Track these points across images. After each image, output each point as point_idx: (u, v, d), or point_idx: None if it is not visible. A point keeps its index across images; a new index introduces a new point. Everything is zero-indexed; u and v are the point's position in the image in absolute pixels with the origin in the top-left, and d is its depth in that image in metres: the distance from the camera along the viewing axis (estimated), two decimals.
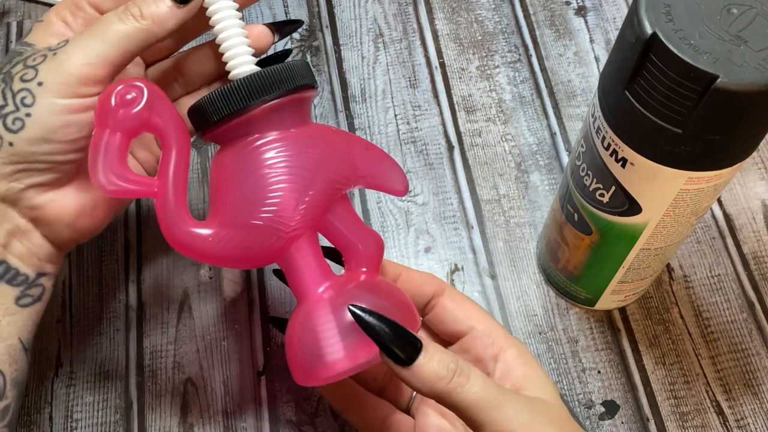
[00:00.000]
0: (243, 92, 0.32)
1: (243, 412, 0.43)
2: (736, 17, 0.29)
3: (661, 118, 0.30)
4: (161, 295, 0.46)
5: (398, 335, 0.30)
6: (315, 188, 0.33)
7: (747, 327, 0.45)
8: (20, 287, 0.34)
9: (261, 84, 0.32)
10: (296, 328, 0.34)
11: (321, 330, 0.33)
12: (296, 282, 0.34)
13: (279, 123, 0.33)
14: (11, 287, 0.34)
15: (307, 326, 0.33)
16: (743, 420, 0.43)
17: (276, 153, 0.33)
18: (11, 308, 0.34)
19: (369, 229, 0.36)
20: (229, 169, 0.34)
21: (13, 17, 0.56)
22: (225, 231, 0.33)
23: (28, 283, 0.35)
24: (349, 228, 0.35)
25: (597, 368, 0.44)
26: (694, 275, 0.47)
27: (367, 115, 0.52)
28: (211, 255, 0.33)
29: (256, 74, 0.33)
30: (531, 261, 0.48)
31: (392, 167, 0.37)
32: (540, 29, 0.56)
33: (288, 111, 0.34)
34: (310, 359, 0.33)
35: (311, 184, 0.33)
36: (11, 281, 0.34)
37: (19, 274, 0.34)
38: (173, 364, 0.44)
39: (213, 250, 0.33)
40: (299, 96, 0.34)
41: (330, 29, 0.56)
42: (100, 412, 0.43)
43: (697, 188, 0.33)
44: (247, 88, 0.32)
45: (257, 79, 0.32)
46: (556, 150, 0.51)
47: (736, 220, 0.49)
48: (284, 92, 0.33)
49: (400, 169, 0.37)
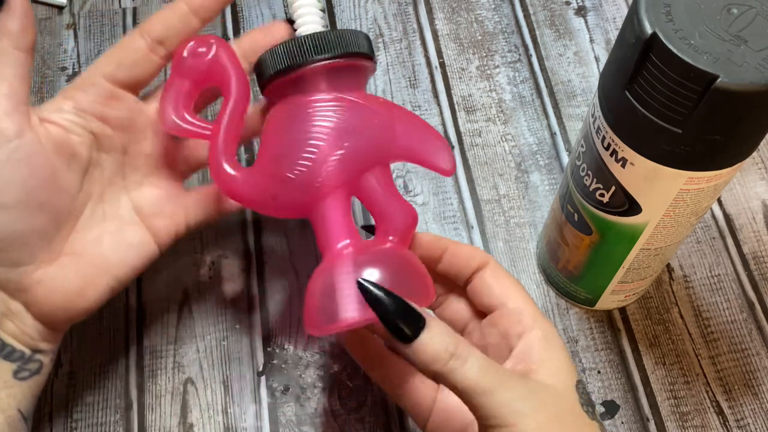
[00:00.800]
0: (305, 47, 0.34)
1: (243, 412, 0.43)
2: (736, 17, 0.29)
3: (661, 118, 0.30)
4: (161, 295, 0.46)
5: (403, 311, 0.30)
6: (350, 151, 0.34)
7: (747, 327, 0.45)
8: (17, 362, 0.34)
9: (322, 42, 0.34)
10: (317, 278, 0.35)
11: (338, 281, 0.33)
12: (322, 236, 0.36)
13: (332, 85, 0.35)
14: (8, 362, 0.34)
15: (327, 277, 0.34)
16: (743, 420, 0.43)
17: (320, 113, 0.35)
18: (9, 381, 0.34)
19: (404, 201, 0.36)
20: (276, 120, 0.36)
21: None
22: (257, 178, 0.35)
23: (24, 359, 0.35)
24: (383, 196, 0.36)
25: (597, 368, 0.44)
26: (694, 275, 0.47)
27: None
28: (243, 197, 0.36)
29: (320, 33, 0.35)
30: (531, 261, 0.48)
31: (438, 144, 0.37)
32: (540, 29, 0.56)
33: (343, 75, 0.35)
34: (325, 308, 0.34)
35: (346, 147, 0.34)
36: (8, 357, 0.34)
37: (14, 351, 0.34)
38: (173, 364, 0.44)
39: (244, 192, 0.36)
40: (355, 63, 0.35)
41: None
42: (100, 412, 0.43)
43: (697, 188, 0.33)
44: (309, 44, 0.34)
45: (320, 37, 0.34)
46: (556, 150, 0.51)
47: (736, 220, 0.49)
48: (341, 54, 0.35)
49: (448, 147, 0.38)
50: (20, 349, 0.35)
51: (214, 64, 0.36)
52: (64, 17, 0.56)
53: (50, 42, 0.55)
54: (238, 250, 0.47)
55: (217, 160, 0.36)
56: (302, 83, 0.35)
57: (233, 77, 0.36)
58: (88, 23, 0.56)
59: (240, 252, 0.47)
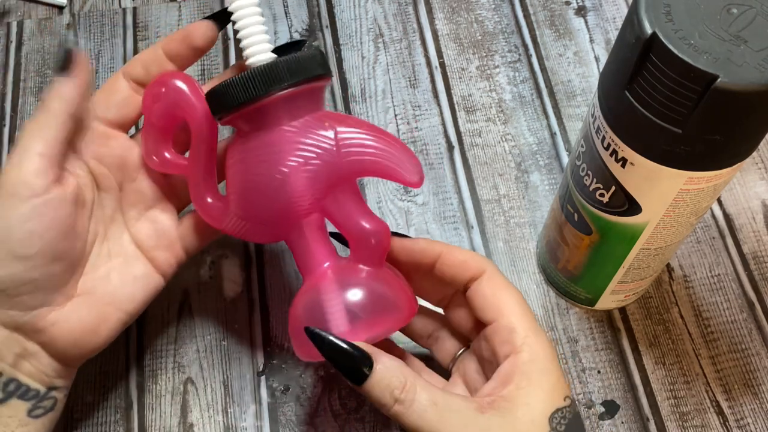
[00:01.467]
0: (259, 80, 0.33)
1: (243, 412, 0.43)
2: (736, 17, 0.29)
3: (661, 118, 0.30)
4: (161, 295, 0.46)
5: (347, 361, 0.32)
6: (313, 173, 0.34)
7: (747, 327, 0.45)
8: (32, 401, 0.35)
9: (277, 73, 0.33)
10: (302, 302, 0.35)
11: (327, 305, 0.34)
12: (300, 259, 0.36)
13: (290, 112, 0.35)
14: (23, 401, 0.35)
15: (313, 301, 0.34)
16: (743, 420, 0.43)
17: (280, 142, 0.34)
18: (24, 420, 0.35)
19: (374, 218, 0.36)
20: (237, 154, 0.36)
21: (14, 17, 0.56)
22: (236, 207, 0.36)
23: (39, 397, 0.36)
24: (347, 217, 0.36)
25: (597, 368, 0.44)
26: (694, 275, 0.47)
27: (367, 115, 0.52)
28: (226, 227, 0.37)
29: (273, 63, 0.34)
30: (531, 261, 0.48)
31: (403, 156, 0.37)
32: (540, 29, 0.56)
33: (300, 100, 0.35)
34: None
35: (308, 170, 0.34)
36: (23, 396, 0.35)
37: (30, 390, 0.35)
38: (173, 364, 0.44)
39: (226, 222, 0.37)
40: (313, 86, 0.35)
41: (330, 29, 0.56)
42: (100, 412, 0.43)
43: (697, 188, 0.33)
44: (263, 76, 0.33)
45: (273, 68, 0.34)
46: (556, 150, 0.51)
47: (736, 220, 0.49)
48: (298, 81, 0.34)
49: (415, 158, 0.37)
50: (35, 387, 0.36)
51: (174, 101, 0.36)
52: (64, 17, 0.56)
53: (50, 42, 0.55)
54: (238, 250, 0.47)
55: (195, 192, 0.37)
56: (258, 115, 0.35)
57: (192, 109, 0.36)
58: (88, 23, 0.56)
59: (240, 252, 0.47)
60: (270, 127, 0.35)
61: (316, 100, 0.36)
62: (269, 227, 0.36)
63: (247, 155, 0.35)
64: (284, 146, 0.34)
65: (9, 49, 0.55)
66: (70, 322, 0.35)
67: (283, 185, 0.34)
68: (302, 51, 0.36)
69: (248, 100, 0.34)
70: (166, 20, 0.56)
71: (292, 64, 0.34)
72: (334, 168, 0.35)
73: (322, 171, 0.34)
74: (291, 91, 0.34)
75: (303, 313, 0.35)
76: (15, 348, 0.35)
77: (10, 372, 0.35)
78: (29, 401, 0.35)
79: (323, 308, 0.34)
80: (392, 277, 0.36)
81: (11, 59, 0.54)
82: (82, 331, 0.36)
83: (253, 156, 0.35)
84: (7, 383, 0.35)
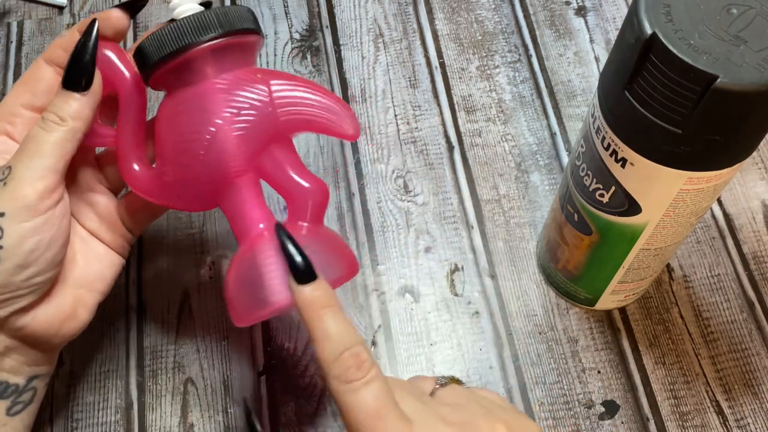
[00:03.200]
0: (188, 28, 0.33)
1: (243, 411, 0.43)
2: (735, 17, 0.29)
3: (661, 118, 0.30)
4: (161, 295, 0.46)
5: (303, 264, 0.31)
6: (245, 130, 0.33)
7: (747, 327, 0.46)
8: (10, 398, 0.35)
9: (203, 23, 0.33)
10: (237, 266, 0.34)
11: (263, 265, 0.33)
12: (236, 223, 0.35)
13: (219, 67, 0.34)
14: (2, 400, 0.35)
15: (249, 263, 0.33)
16: (743, 420, 0.43)
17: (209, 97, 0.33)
18: (2, 419, 0.35)
19: (312, 177, 0.35)
20: (167, 111, 0.35)
21: (14, 17, 0.56)
22: (166, 171, 0.35)
23: (18, 391, 0.35)
24: (285, 174, 0.35)
25: (597, 368, 0.44)
26: (694, 275, 0.47)
27: (367, 115, 0.52)
28: (152, 194, 0.36)
29: (201, 13, 0.33)
30: (531, 261, 0.48)
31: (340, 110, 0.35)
32: (540, 29, 0.56)
33: (229, 55, 0.34)
34: (252, 295, 0.33)
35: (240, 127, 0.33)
36: (1, 394, 0.35)
37: (8, 386, 0.35)
38: (173, 364, 0.44)
39: (153, 189, 0.36)
40: (240, 40, 0.34)
41: (330, 29, 0.56)
42: (100, 412, 0.43)
43: (697, 188, 0.33)
44: (192, 25, 0.33)
45: (202, 17, 0.33)
46: (556, 150, 0.51)
47: (736, 220, 0.49)
48: (224, 33, 0.33)
49: (350, 111, 0.36)
50: (15, 382, 0.35)
51: (102, 70, 0.35)
52: (64, 17, 0.56)
53: (50, 42, 0.55)
54: None
55: (123, 161, 0.36)
56: (187, 68, 0.34)
57: (121, 78, 0.35)
58: None
59: None
60: (199, 82, 0.34)
61: (247, 58, 0.35)
62: (201, 190, 0.35)
63: (176, 111, 0.34)
64: (214, 100, 0.33)
65: (9, 49, 0.55)
66: (48, 314, 0.35)
67: (213, 142, 0.33)
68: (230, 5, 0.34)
69: (177, 50, 0.33)
70: (166, 20, 0.56)
71: (221, 15, 0.33)
72: (270, 124, 0.34)
73: (257, 127, 0.33)
74: (220, 41, 0.33)
75: (239, 276, 0.34)
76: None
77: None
78: (8, 398, 0.35)
79: (260, 269, 0.32)
80: (332, 235, 0.35)
81: (11, 59, 0.55)
82: (61, 318, 0.36)
83: (182, 112, 0.34)
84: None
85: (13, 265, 0.33)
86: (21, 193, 0.33)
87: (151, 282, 0.46)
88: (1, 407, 0.35)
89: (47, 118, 0.34)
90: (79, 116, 0.34)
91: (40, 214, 0.33)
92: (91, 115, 0.35)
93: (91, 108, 0.35)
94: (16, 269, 0.33)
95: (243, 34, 0.34)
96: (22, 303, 0.34)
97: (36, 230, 0.33)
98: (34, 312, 0.35)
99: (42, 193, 0.33)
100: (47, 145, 0.34)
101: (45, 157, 0.34)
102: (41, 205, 0.33)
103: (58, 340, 0.36)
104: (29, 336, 0.35)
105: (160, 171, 0.35)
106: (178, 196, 0.36)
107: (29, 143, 0.34)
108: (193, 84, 0.34)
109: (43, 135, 0.34)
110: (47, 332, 0.35)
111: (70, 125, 0.34)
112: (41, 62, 0.37)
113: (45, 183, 0.33)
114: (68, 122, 0.34)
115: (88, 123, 0.35)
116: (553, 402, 0.43)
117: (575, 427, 0.43)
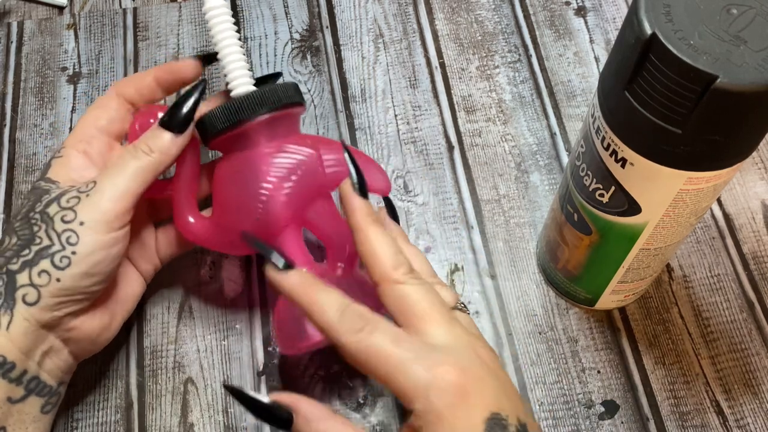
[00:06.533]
0: (242, 108, 0.39)
1: (243, 412, 0.43)
2: (735, 17, 0.29)
3: (661, 119, 0.30)
4: (161, 295, 0.46)
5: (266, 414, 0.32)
6: (293, 189, 0.39)
7: (747, 327, 0.46)
8: (45, 397, 0.37)
9: (258, 101, 0.39)
10: (283, 305, 0.39)
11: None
12: None
13: (269, 135, 0.39)
14: (39, 398, 0.37)
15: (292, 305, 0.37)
16: (743, 420, 0.43)
17: (263, 162, 0.39)
18: (37, 416, 0.37)
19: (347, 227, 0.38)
20: (224, 173, 0.40)
21: (14, 17, 0.56)
22: (216, 225, 0.40)
23: (51, 393, 0.38)
24: (326, 226, 0.40)
25: (597, 368, 0.44)
26: (693, 275, 0.47)
27: (367, 115, 0.53)
28: (204, 242, 0.41)
29: (255, 93, 0.39)
30: (531, 261, 0.48)
31: (374, 168, 0.42)
32: (540, 29, 0.56)
33: (278, 125, 0.40)
34: (295, 331, 0.38)
35: (289, 187, 0.39)
36: (40, 393, 0.37)
37: (46, 386, 0.37)
38: (173, 364, 0.44)
39: (205, 238, 0.41)
40: (288, 112, 0.40)
41: (330, 29, 0.56)
42: (100, 412, 0.43)
43: (696, 188, 0.33)
44: (245, 104, 0.39)
45: (255, 96, 0.39)
46: (556, 150, 0.51)
47: (736, 220, 0.49)
48: (275, 108, 0.39)
49: (380, 168, 0.42)
50: (50, 383, 0.38)
51: None
52: (65, 17, 0.56)
53: (50, 42, 0.55)
54: None
55: (178, 212, 0.41)
56: (243, 137, 0.39)
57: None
58: (88, 23, 0.56)
59: None
60: (252, 148, 0.39)
61: (294, 125, 0.41)
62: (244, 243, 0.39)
63: (233, 172, 0.39)
64: (264, 165, 0.39)
65: (9, 50, 0.55)
66: (93, 321, 0.38)
67: (266, 204, 0.38)
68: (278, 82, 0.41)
69: (232, 125, 0.38)
70: (166, 20, 0.56)
71: (269, 93, 0.39)
72: (317, 181, 0.39)
73: (304, 185, 0.39)
74: (269, 116, 0.39)
75: (285, 316, 0.39)
76: (43, 346, 0.36)
77: (35, 370, 0.36)
78: (44, 397, 0.37)
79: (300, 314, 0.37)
80: (364, 280, 0.40)
81: (11, 59, 0.55)
82: (101, 328, 0.39)
83: (237, 172, 0.39)
84: (30, 380, 0.36)
85: (81, 271, 0.36)
86: (102, 207, 0.36)
87: (151, 282, 0.46)
88: (37, 404, 0.37)
89: (139, 147, 0.38)
90: (167, 152, 0.38)
91: (113, 231, 0.37)
92: (176, 155, 0.39)
93: (179, 148, 0.39)
94: (83, 276, 0.36)
95: (288, 107, 0.40)
96: (78, 306, 0.37)
97: (107, 244, 0.36)
98: (83, 317, 0.38)
99: (119, 212, 0.37)
100: (131, 170, 0.37)
101: (129, 179, 0.37)
102: (116, 222, 0.37)
103: (91, 348, 0.39)
104: (74, 339, 0.38)
105: (216, 222, 0.40)
106: (231, 245, 0.41)
107: (117, 163, 0.38)
108: (247, 149, 0.39)
109: (131, 160, 0.38)
110: (88, 338, 0.38)
111: (156, 158, 0.38)
112: (113, 92, 0.41)
113: (123, 203, 0.37)
114: (156, 154, 0.38)
115: (171, 160, 0.38)
116: (553, 402, 0.43)
117: (575, 427, 0.43)
